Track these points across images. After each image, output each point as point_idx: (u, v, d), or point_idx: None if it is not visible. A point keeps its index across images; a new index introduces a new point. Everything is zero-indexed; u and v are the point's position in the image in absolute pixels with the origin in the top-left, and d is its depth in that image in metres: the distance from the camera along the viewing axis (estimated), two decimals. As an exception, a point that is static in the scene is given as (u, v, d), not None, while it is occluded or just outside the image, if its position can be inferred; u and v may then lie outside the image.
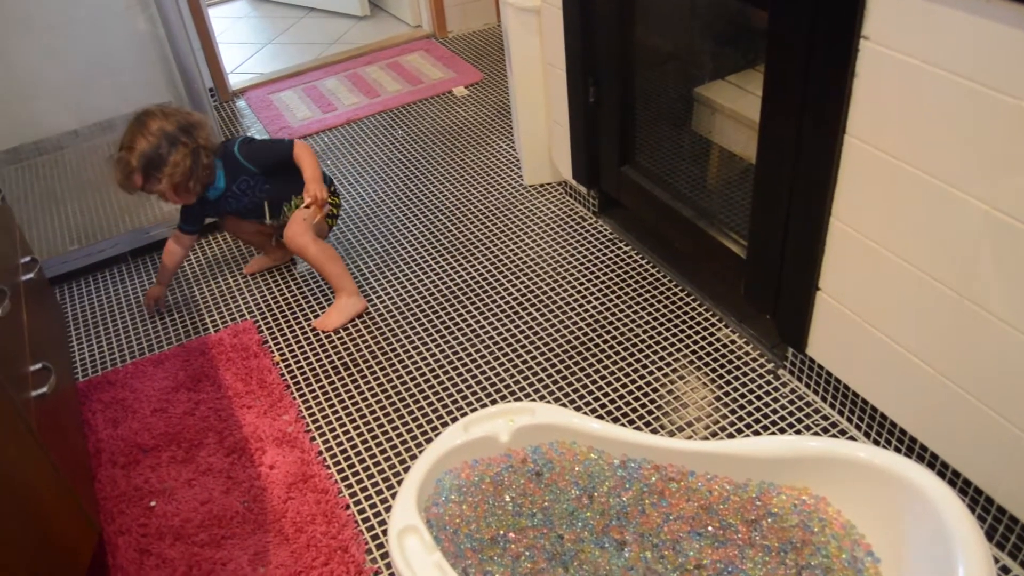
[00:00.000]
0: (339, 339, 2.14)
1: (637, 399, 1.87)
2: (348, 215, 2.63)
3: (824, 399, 1.80)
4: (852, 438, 1.74)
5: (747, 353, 1.96)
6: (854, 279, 1.58)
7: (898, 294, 1.49)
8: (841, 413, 1.77)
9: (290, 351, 2.12)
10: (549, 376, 1.96)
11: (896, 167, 1.39)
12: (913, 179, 1.36)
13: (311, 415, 1.93)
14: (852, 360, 1.68)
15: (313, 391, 2.00)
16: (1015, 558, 1.47)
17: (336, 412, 1.93)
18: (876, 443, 1.69)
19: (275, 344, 2.15)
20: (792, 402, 1.83)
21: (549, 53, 2.32)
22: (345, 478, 1.77)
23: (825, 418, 1.78)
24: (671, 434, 1.78)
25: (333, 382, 2.02)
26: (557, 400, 1.88)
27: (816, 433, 1.76)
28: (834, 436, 1.74)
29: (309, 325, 2.21)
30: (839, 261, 1.59)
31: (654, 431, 1.78)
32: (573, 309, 2.15)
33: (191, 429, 1.92)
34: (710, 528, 1.41)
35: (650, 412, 1.84)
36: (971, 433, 1.46)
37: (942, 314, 1.42)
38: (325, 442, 1.86)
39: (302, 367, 2.07)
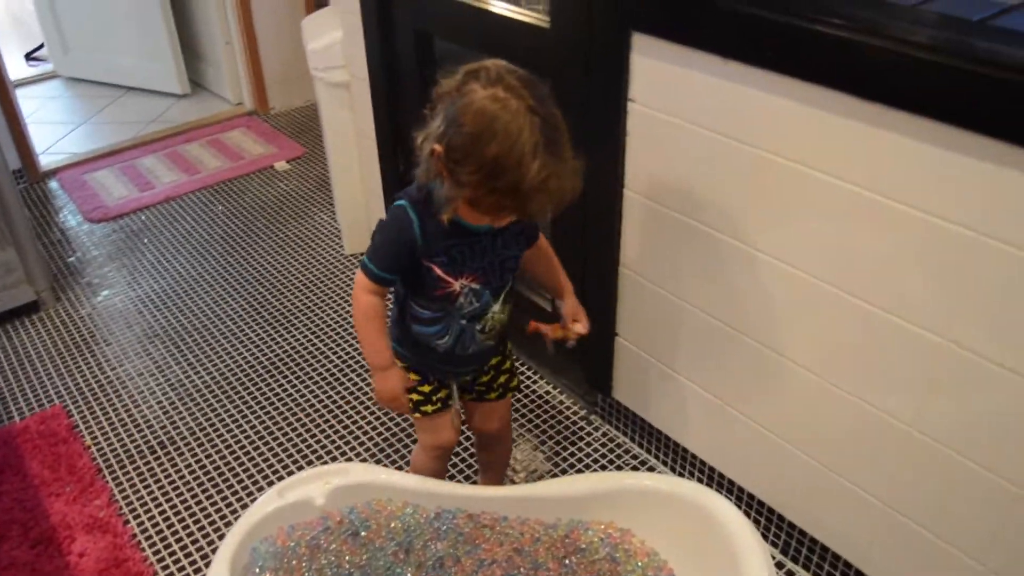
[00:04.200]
0: (155, 418, 2.08)
1: (458, 454, 1.91)
2: (166, 294, 2.58)
3: (632, 439, 1.90)
4: (660, 472, 1.83)
5: (561, 402, 2.04)
6: (645, 322, 1.70)
7: (682, 332, 1.61)
8: (648, 451, 1.87)
9: (103, 434, 2.05)
10: (370, 438, 1.97)
11: (668, 215, 1.52)
12: (683, 225, 1.50)
13: (125, 498, 1.86)
14: (651, 399, 1.79)
15: (127, 473, 1.93)
16: (796, 561, 1.61)
17: (152, 493, 1.87)
18: (681, 475, 1.80)
19: (87, 428, 2.07)
20: (604, 444, 1.92)
21: (361, 125, 2.39)
22: (162, 559, 1.72)
23: (635, 457, 1.88)
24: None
25: (149, 462, 1.95)
26: (379, 461, 1.90)
27: (628, 471, 1.85)
28: (644, 472, 1.84)
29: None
30: (631, 306, 1.71)
31: (474, 483, 1.82)
32: (395, 372, 2.18)
33: (-8, 524, 1.81)
34: (522, 570, 1.45)
35: (470, 466, 1.88)
36: (758, 456, 1.58)
37: (721, 348, 1.54)
38: (140, 524, 1.80)
39: (115, 450, 2.00)
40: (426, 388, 1.53)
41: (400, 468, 1.87)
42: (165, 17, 3.70)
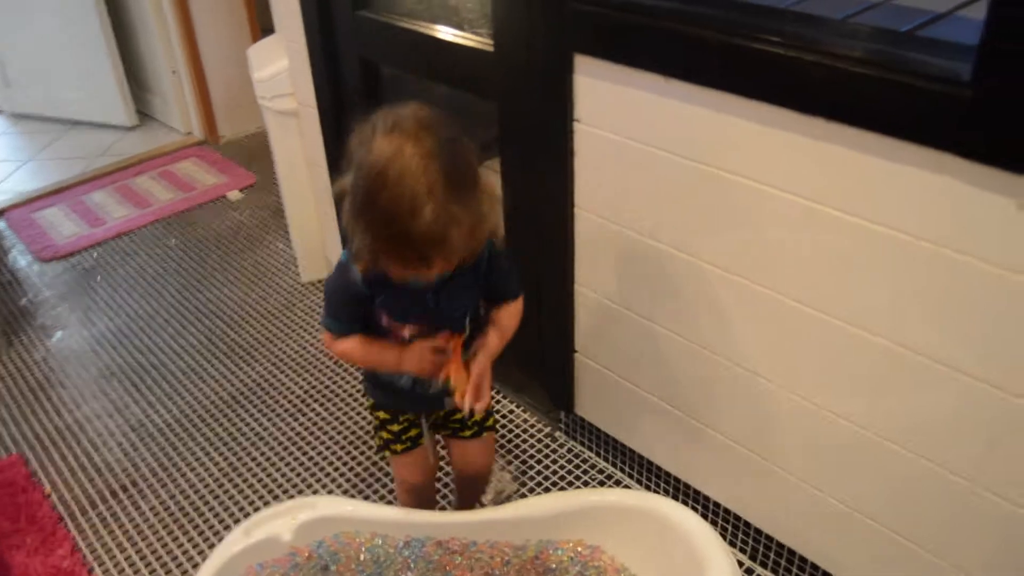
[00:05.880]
0: (116, 461, 2.05)
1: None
2: (121, 331, 2.55)
3: (598, 454, 1.91)
4: (627, 486, 1.85)
5: (525, 420, 2.05)
6: (603, 338, 1.71)
7: (640, 347, 1.63)
8: (614, 464, 1.88)
9: (63, 480, 2.01)
10: (336, 469, 1.96)
11: (619, 232, 1.54)
12: (634, 241, 1.52)
13: (89, 546, 1.83)
14: (614, 414, 1.80)
15: (90, 520, 1.90)
16: (765, 566, 1.63)
17: (116, 539, 1.84)
18: (647, 487, 1.81)
19: (46, 475, 2.03)
20: (570, 460, 1.93)
21: (311, 152, 2.39)
22: (129, 606, 1.69)
23: (601, 471, 1.89)
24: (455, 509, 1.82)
25: (111, 507, 1.92)
26: (346, 492, 1.89)
27: (594, 486, 1.86)
28: (610, 487, 1.85)
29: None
30: (588, 323, 1.72)
31: (443, 508, 1.81)
32: (357, 401, 2.17)
33: (-48, 580, 1.77)
34: (494, 594, 1.45)
35: (438, 491, 1.87)
36: (721, 466, 1.60)
37: (679, 361, 1.56)
38: (105, 572, 1.77)
39: (76, 496, 1.96)
40: (395, 427, 1.52)
41: (367, 498, 1.86)
42: (108, 48, 3.66)
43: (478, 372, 1.34)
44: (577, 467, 1.91)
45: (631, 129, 1.42)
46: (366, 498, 1.86)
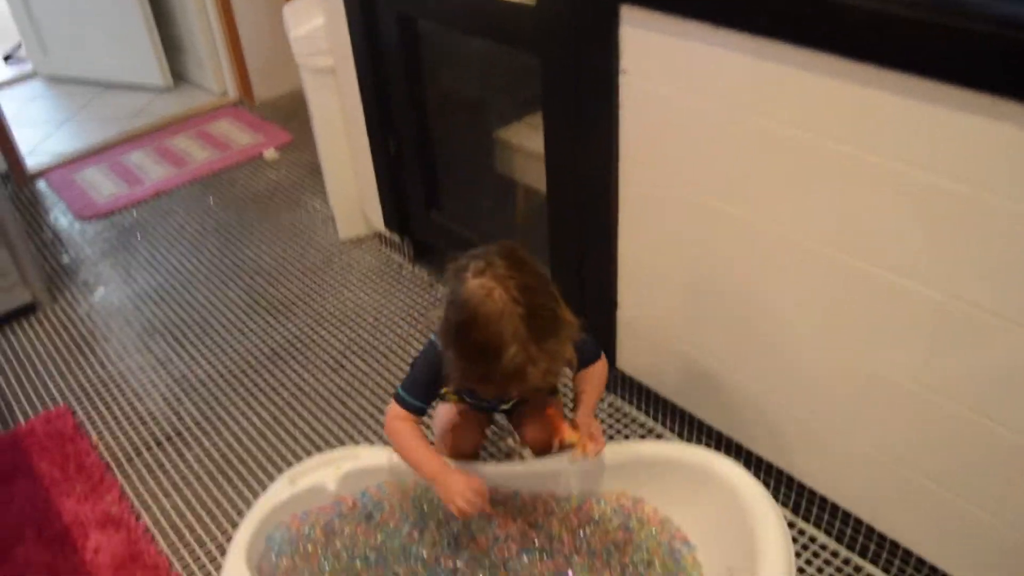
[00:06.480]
0: (160, 412, 2.09)
1: (465, 433, 1.92)
2: (163, 288, 2.58)
3: (640, 408, 1.92)
4: (670, 440, 1.85)
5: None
6: (645, 293, 1.71)
7: (683, 301, 1.62)
8: (656, 419, 1.89)
9: (108, 430, 2.05)
10: (378, 422, 1.98)
11: (664, 185, 1.52)
12: (679, 194, 1.50)
13: (136, 492, 1.87)
14: (656, 368, 1.80)
15: (136, 468, 1.94)
16: (808, 520, 1.64)
17: (162, 486, 1.88)
18: (689, 441, 1.81)
19: (92, 425, 2.07)
20: (612, 414, 1.93)
21: (348, 110, 2.38)
22: (177, 551, 1.73)
23: (642, 425, 1.90)
24: (499, 460, 1.84)
25: (157, 456, 1.96)
26: (387, 444, 1.91)
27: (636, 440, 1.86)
28: (651, 440, 1.85)
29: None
30: (631, 277, 1.72)
31: (483, 460, 1.83)
32: (397, 355, 2.19)
33: (5, 526, 1.81)
34: (536, 542, 1.47)
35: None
36: (764, 420, 1.60)
37: (723, 316, 1.56)
38: (153, 517, 1.81)
39: (123, 445, 2.00)
40: None
41: (408, 449, 1.88)
42: (143, 10, 3.68)
43: (586, 424, 1.45)
44: (618, 420, 1.91)
45: (679, 80, 1.41)
46: (407, 450, 1.88)
